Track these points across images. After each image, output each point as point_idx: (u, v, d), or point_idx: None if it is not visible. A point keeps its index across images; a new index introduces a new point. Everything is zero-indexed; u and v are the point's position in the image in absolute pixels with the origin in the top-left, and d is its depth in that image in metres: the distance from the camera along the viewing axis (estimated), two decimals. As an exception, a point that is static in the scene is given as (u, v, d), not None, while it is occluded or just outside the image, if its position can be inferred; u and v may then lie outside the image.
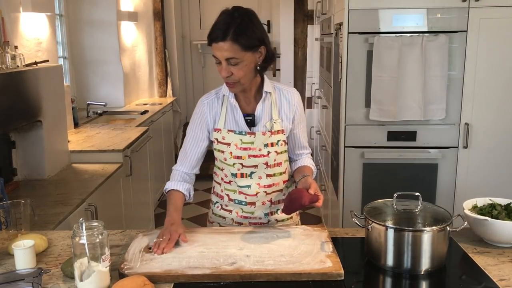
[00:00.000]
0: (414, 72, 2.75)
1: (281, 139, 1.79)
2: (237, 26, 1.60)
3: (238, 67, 1.63)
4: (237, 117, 1.77)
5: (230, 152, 1.76)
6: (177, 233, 1.61)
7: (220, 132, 1.77)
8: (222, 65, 1.64)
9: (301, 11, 5.80)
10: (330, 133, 3.57)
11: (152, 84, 5.93)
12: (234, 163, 1.77)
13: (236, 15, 1.62)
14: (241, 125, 1.76)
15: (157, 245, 1.56)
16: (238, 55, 1.61)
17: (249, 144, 1.75)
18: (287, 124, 1.81)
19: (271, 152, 1.77)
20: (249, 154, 1.75)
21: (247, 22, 1.63)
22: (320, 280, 1.41)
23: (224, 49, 1.60)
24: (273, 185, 1.81)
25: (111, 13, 4.61)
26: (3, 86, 2.38)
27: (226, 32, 1.59)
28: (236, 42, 1.60)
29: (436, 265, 1.48)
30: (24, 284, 1.31)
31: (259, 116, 1.77)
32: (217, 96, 1.81)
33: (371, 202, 1.64)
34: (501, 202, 1.69)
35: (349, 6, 2.79)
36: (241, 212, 1.83)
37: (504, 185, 2.92)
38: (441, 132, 2.89)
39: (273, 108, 1.78)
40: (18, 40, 2.97)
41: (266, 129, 1.77)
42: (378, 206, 1.60)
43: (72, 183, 2.70)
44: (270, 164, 1.78)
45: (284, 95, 1.82)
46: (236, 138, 1.75)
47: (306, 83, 5.90)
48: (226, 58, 1.62)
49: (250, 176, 1.78)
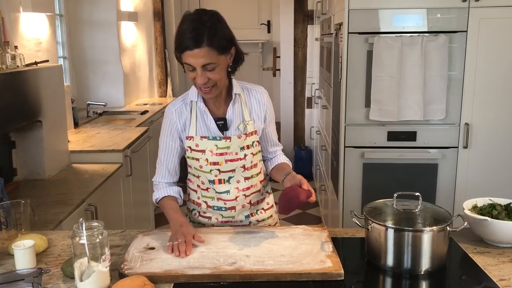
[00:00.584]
0: (414, 72, 2.75)
1: (255, 140, 1.77)
2: (209, 30, 1.54)
3: (215, 72, 1.58)
4: (208, 123, 1.73)
5: (206, 159, 1.72)
6: (190, 234, 1.58)
7: (193, 139, 1.73)
8: (197, 72, 1.57)
9: (301, 11, 5.79)
10: (330, 133, 3.57)
11: (152, 84, 5.93)
12: (211, 169, 1.74)
13: (205, 18, 1.56)
14: (213, 130, 1.72)
15: (176, 248, 1.52)
16: (214, 60, 1.56)
17: (225, 148, 1.72)
18: (259, 124, 1.79)
19: (248, 155, 1.75)
20: (226, 159, 1.72)
21: (217, 24, 1.57)
22: (320, 280, 1.41)
23: (201, 56, 1.53)
24: (251, 187, 1.80)
25: (111, 13, 4.61)
26: (3, 86, 2.38)
27: (200, 38, 1.52)
28: (211, 46, 1.53)
29: (436, 265, 1.48)
30: (24, 284, 1.31)
31: (231, 119, 1.74)
32: (184, 103, 1.76)
33: (371, 202, 1.64)
34: (501, 202, 1.69)
35: (349, 6, 2.79)
36: (221, 217, 1.82)
37: (504, 185, 2.92)
38: (441, 132, 2.89)
39: (244, 109, 1.75)
40: (18, 40, 2.97)
41: (240, 131, 1.74)
42: (378, 206, 1.60)
43: (72, 183, 2.70)
44: (247, 166, 1.76)
45: (253, 95, 1.79)
46: (211, 144, 1.72)
47: (306, 83, 5.90)
48: (202, 64, 1.55)
49: (228, 181, 1.76)
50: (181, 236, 1.56)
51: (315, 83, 5.48)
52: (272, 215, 1.93)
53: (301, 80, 5.96)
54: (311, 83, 5.78)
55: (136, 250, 1.57)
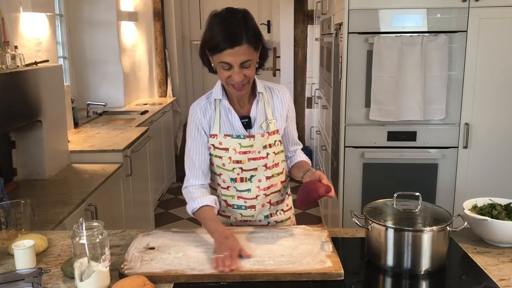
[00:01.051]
0: (414, 72, 2.75)
1: (277, 139, 1.77)
2: (245, 27, 1.55)
3: (250, 68, 1.60)
4: (232, 120, 1.73)
5: (229, 157, 1.72)
6: (237, 248, 1.51)
7: (216, 137, 1.73)
8: (234, 70, 1.58)
9: (301, 11, 5.79)
10: (330, 133, 3.57)
11: (152, 84, 5.93)
12: (234, 168, 1.74)
13: (240, 16, 1.57)
14: (237, 128, 1.73)
15: (220, 262, 1.45)
16: (251, 56, 1.58)
17: (249, 147, 1.72)
18: (282, 123, 1.79)
19: (270, 154, 1.75)
20: (249, 158, 1.72)
21: (250, 20, 1.59)
22: (320, 280, 1.41)
23: (241, 53, 1.55)
24: (271, 186, 1.79)
25: (111, 13, 4.61)
26: (3, 86, 2.38)
27: (239, 36, 1.53)
28: (249, 43, 1.55)
29: (436, 265, 1.48)
30: (24, 284, 1.31)
31: (255, 117, 1.74)
32: (209, 101, 1.75)
33: (371, 202, 1.64)
34: (501, 202, 1.69)
35: (349, 6, 2.79)
36: (240, 216, 1.81)
37: (504, 185, 2.92)
38: (441, 132, 2.89)
39: (267, 108, 1.76)
40: (18, 40, 2.97)
41: (263, 130, 1.74)
42: (378, 206, 1.60)
43: (72, 183, 2.70)
44: (269, 165, 1.76)
45: (275, 94, 1.79)
46: (234, 142, 1.72)
47: (306, 83, 5.90)
48: (241, 62, 1.56)
49: (250, 179, 1.76)
50: (227, 250, 1.49)
51: (315, 83, 5.48)
52: (290, 217, 1.92)
53: (301, 80, 5.96)
54: (311, 83, 5.78)
55: (136, 250, 1.57)
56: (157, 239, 1.64)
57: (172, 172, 5.43)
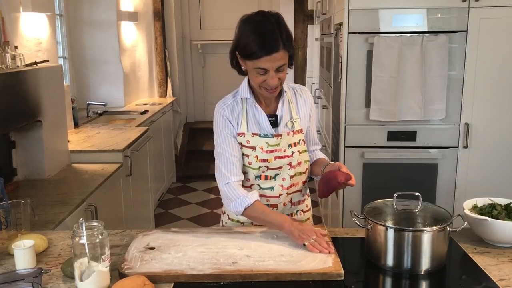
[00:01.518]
0: (414, 72, 2.75)
1: (301, 138, 1.78)
2: (281, 32, 1.57)
3: (284, 72, 1.62)
4: (260, 119, 1.73)
5: (256, 156, 1.73)
6: (318, 232, 1.59)
7: (244, 136, 1.73)
8: (270, 75, 1.59)
9: (301, 11, 5.79)
10: (330, 133, 3.57)
11: (152, 84, 5.94)
12: (260, 166, 1.74)
13: (273, 21, 1.58)
14: (264, 127, 1.73)
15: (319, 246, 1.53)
16: (286, 60, 1.60)
17: (275, 146, 1.72)
18: (305, 122, 1.81)
19: (295, 152, 1.76)
20: (275, 156, 1.73)
21: (284, 24, 1.60)
22: (320, 280, 1.41)
23: (278, 59, 1.56)
24: (293, 185, 1.80)
25: (111, 13, 4.61)
26: (3, 86, 2.38)
27: (277, 42, 1.55)
28: (285, 48, 1.57)
29: (436, 265, 1.48)
30: (24, 284, 1.31)
31: (281, 116, 1.75)
32: (235, 100, 1.75)
33: (371, 202, 1.64)
34: (501, 202, 1.69)
35: (349, 6, 2.79)
36: None
37: (504, 185, 2.92)
38: (441, 132, 2.89)
39: (292, 107, 1.78)
40: (18, 40, 2.97)
41: (288, 129, 1.76)
42: (378, 206, 1.60)
43: (72, 183, 2.70)
44: (294, 164, 1.77)
45: (299, 94, 1.81)
46: (262, 141, 1.72)
47: (306, 83, 5.90)
48: (278, 66, 1.58)
49: (274, 178, 1.76)
50: (312, 233, 1.56)
51: (315, 83, 5.48)
52: (309, 218, 1.92)
53: (301, 80, 5.96)
54: (311, 83, 5.78)
55: (136, 250, 1.57)
56: (157, 239, 1.64)
57: (172, 172, 5.43)
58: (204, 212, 4.66)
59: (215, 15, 6.55)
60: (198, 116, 6.85)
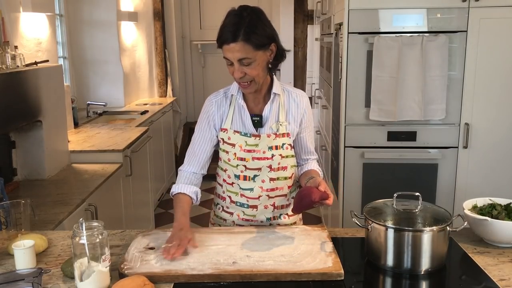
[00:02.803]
0: (414, 72, 2.75)
1: (286, 143, 1.76)
2: (247, 26, 1.58)
3: (251, 67, 1.62)
4: (244, 118, 1.75)
5: (234, 153, 1.74)
6: (187, 238, 1.56)
7: (226, 132, 1.76)
8: (235, 66, 1.62)
9: (301, 11, 5.79)
10: (330, 133, 3.57)
11: (152, 84, 5.94)
12: (238, 164, 1.75)
13: (245, 14, 1.60)
14: (248, 126, 1.74)
15: (166, 251, 1.51)
16: (250, 55, 1.60)
17: (254, 146, 1.73)
18: (294, 127, 1.79)
19: (275, 155, 1.75)
20: (253, 157, 1.73)
21: (256, 20, 1.61)
22: (320, 280, 1.41)
23: (236, 50, 1.58)
24: (276, 189, 1.79)
25: (111, 13, 4.61)
26: (3, 86, 2.38)
27: (236, 33, 1.57)
28: (247, 42, 1.58)
29: (436, 265, 1.48)
30: (24, 284, 1.31)
31: (266, 117, 1.75)
32: (226, 96, 1.79)
33: (371, 202, 1.64)
34: (501, 202, 1.69)
35: (349, 6, 2.79)
36: (242, 214, 1.82)
37: (504, 185, 2.92)
38: (441, 132, 2.89)
39: (281, 110, 1.77)
40: (18, 40, 2.97)
41: (272, 131, 1.75)
42: (378, 206, 1.60)
43: (72, 183, 2.70)
44: (274, 167, 1.76)
45: (293, 98, 1.80)
46: (241, 139, 1.74)
47: (306, 83, 5.90)
48: (238, 59, 1.60)
49: (253, 179, 1.76)
50: (177, 240, 1.55)
51: (315, 83, 5.48)
52: (296, 222, 1.91)
53: (301, 80, 5.96)
54: (311, 83, 5.78)
55: (136, 250, 1.56)
56: (157, 239, 1.64)
57: (172, 172, 5.43)
58: (204, 212, 4.65)
59: (215, 15, 6.54)
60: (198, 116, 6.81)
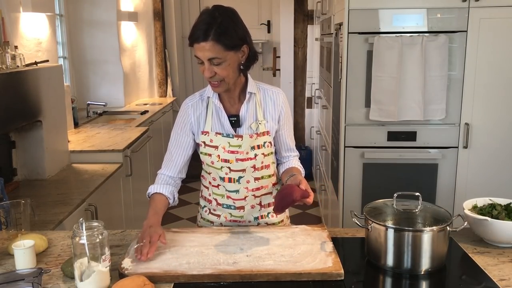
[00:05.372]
0: (414, 72, 2.75)
1: (267, 141, 1.77)
2: (218, 26, 1.58)
3: (222, 67, 1.62)
4: (222, 119, 1.75)
5: (218, 155, 1.74)
6: (157, 234, 1.55)
7: (208, 134, 1.75)
8: (205, 65, 1.62)
9: (301, 11, 5.79)
10: (330, 133, 3.57)
11: (152, 84, 5.94)
12: (222, 166, 1.75)
13: (217, 15, 1.60)
14: (226, 127, 1.74)
15: (139, 251, 1.50)
16: (220, 55, 1.60)
17: (237, 147, 1.73)
18: (273, 125, 1.79)
19: (258, 155, 1.75)
20: (237, 158, 1.73)
21: (228, 21, 1.60)
22: (320, 280, 1.41)
23: (206, 49, 1.58)
24: (261, 187, 1.79)
25: (111, 13, 4.61)
26: (3, 86, 2.38)
27: (207, 32, 1.57)
28: (218, 42, 1.58)
29: (436, 265, 1.48)
30: (24, 284, 1.31)
31: (244, 117, 1.75)
32: (201, 98, 1.79)
33: (371, 202, 1.64)
34: (501, 202, 1.69)
35: (349, 6, 2.79)
36: (229, 216, 1.82)
37: (504, 185, 2.92)
38: (441, 132, 2.89)
39: (258, 109, 1.76)
40: (18, 40, 2.97)
41: (252, 131, 1.75)
42: (378, 206, 1.60)
43: (72, 183, 2.70)
44: (258, 167, 1.76)
45: (269, 96, 1.79)
46: (224, 141, 1.73)
47: (306, 83, 5.90)
48: (208, 58, 1.60)
49: (238, 181, 1.76)
50: (147, 237, 1.53)
51: (315, 83, 5.48)
52: (283, 220, 1.91)
53: (301, 80, 5.96)
54: (311, 83, 5.78)
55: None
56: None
57: (172, 172, 5.42)
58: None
59: (215, 15, 6.54)
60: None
